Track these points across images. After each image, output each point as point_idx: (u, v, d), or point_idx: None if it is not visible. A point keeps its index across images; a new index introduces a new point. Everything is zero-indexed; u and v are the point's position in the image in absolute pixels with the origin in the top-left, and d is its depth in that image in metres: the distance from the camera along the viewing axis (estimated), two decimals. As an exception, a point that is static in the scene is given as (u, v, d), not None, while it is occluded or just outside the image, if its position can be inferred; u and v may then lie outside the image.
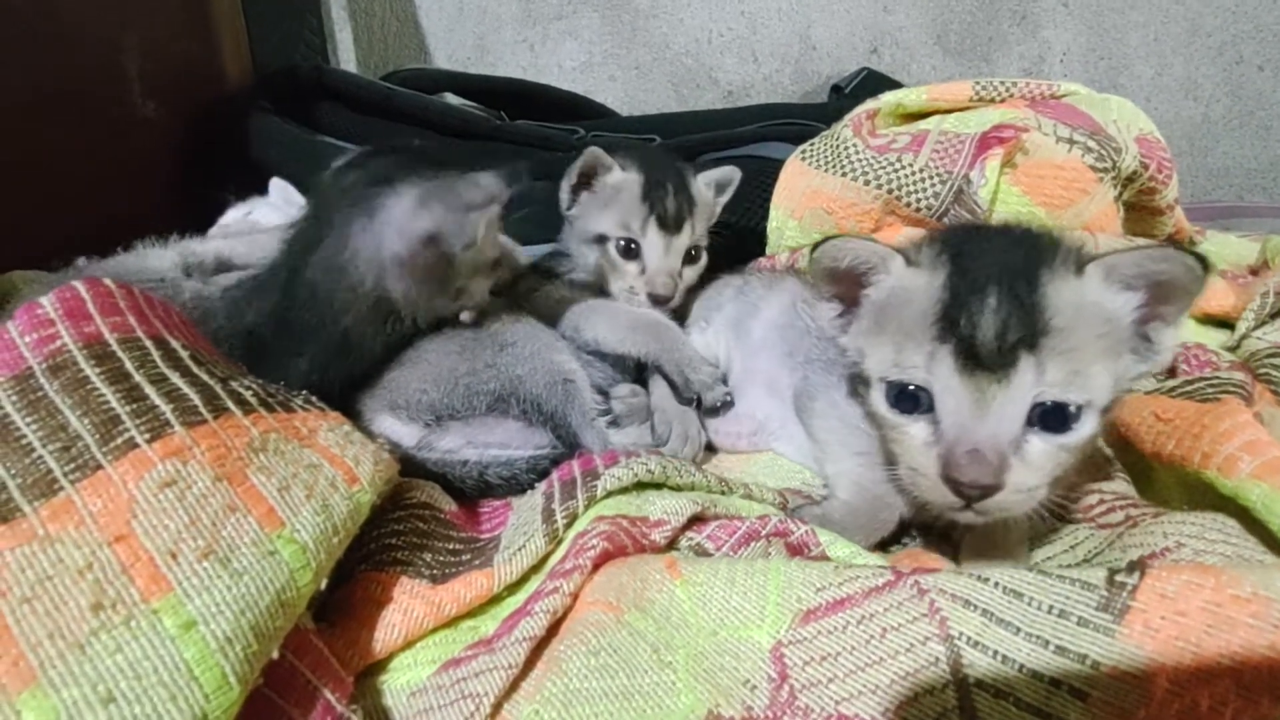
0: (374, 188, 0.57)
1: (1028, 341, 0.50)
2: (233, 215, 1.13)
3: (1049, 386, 0.50)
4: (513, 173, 0.57)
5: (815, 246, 0.60)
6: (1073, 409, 0.51)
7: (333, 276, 0.58)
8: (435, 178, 0.57)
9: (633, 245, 0.95)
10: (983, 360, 0.51)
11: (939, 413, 0.54)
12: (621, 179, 0.96)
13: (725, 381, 0.89)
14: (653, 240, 0.94)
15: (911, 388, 0.55)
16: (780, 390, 0.81)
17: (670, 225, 0.94)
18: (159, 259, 0.84)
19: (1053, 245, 0.55)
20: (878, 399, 0.58)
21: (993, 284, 0.52)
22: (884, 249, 0.60)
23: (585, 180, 0.98)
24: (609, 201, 0.95)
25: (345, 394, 0.70)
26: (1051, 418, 0.51)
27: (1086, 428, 0.52)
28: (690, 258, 0.98)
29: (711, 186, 1.03)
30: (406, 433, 0.72)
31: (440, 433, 0.72)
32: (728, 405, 0.87)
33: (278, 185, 1.17)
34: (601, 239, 0.95)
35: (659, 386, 0.90)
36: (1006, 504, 0.53)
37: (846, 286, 0.63)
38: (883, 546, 0.67)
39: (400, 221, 0.56)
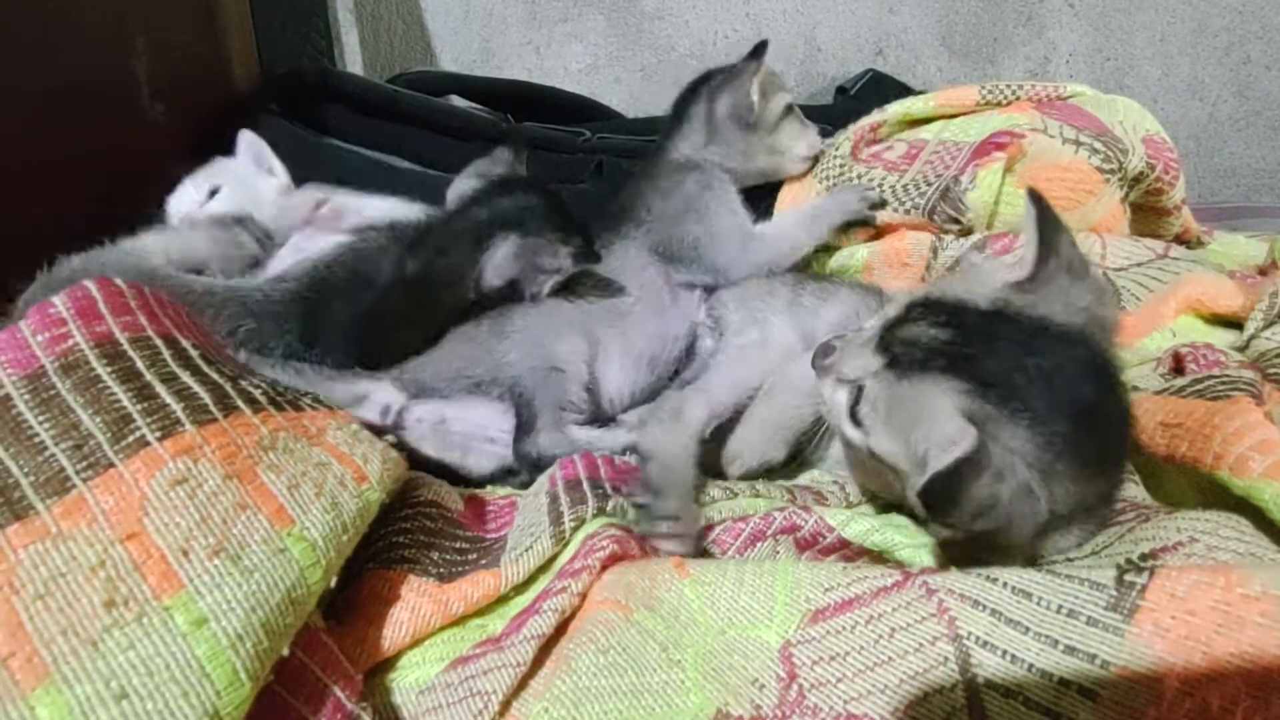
0: (492, 229, 0.82)
1: None
2: (191, 195, 1.06)
3: None
4: (586, 251, 0.84)
5: None
6: None
7: (447, 282, 0.83)
8: (536, 232, 0.82)
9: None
10: None
11: None
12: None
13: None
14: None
15: None
16: None
17: None
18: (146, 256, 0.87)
19: None
20: None
21: None
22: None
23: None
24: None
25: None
26: None
27: None
28: None
29: None
30: (393, 394, 0.79)
31: (421, 401, 0.79)
32: None
33: (249, 141, 1.11)
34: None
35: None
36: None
37: None
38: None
39: (496, 263, 0.82)
